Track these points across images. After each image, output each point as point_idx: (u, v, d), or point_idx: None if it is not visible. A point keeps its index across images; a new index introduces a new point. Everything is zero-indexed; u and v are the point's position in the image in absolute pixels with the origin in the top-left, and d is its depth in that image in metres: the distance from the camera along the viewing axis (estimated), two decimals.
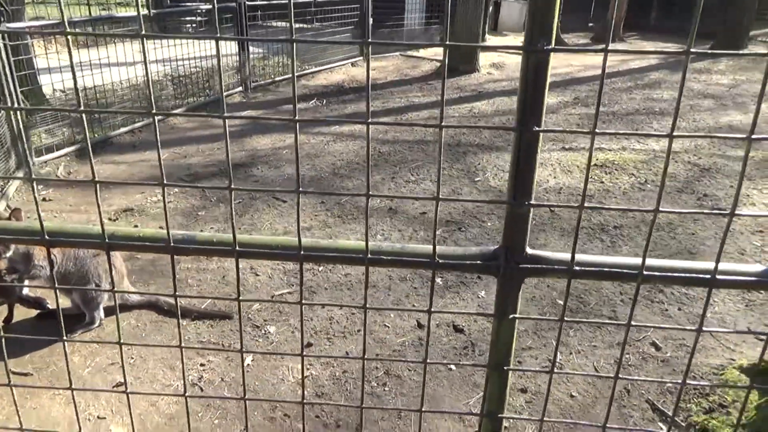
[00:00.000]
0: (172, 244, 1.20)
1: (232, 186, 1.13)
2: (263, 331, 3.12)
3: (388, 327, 3.15)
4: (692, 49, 0.84)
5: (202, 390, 2.72)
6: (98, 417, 2.55)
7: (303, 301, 1.21)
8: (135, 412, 2.60)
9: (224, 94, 1.00)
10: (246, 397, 1.26)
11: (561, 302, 3.27)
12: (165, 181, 1.10)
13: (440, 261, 1.16)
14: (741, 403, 2.44)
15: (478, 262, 1.16)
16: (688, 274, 1.05)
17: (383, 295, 3.42)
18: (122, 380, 2.78)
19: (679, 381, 1.15)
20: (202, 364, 2.88)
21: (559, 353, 2.91)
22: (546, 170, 5.39)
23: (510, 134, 6.41)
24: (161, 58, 7.52)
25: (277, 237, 1.18)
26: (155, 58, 7.74)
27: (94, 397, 2.66)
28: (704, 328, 1.08)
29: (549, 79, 0.97)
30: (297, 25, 12.93)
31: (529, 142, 1.02)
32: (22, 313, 3.23)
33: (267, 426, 2.51)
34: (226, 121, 0.98)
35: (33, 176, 1.16)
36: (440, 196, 1.06)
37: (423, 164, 5.54)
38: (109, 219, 4.34)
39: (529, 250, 1.12)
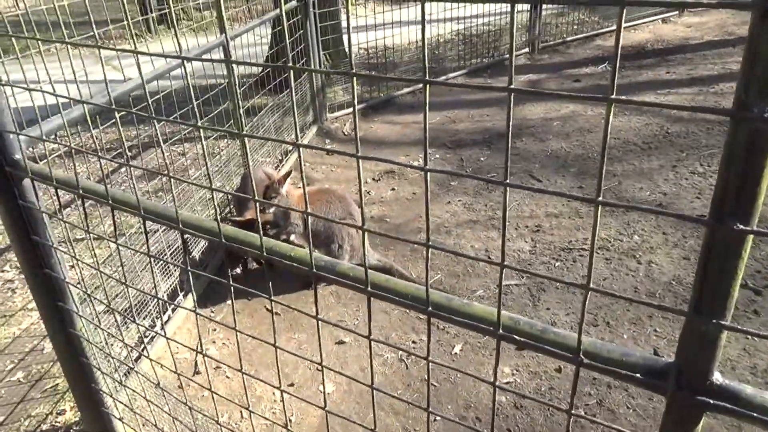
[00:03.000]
0: (314, 270, 1.21)
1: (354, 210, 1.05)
2: None
3: None
4: None
5: (407, 368, 2.82)
6: (317, 369, 2.86)
7: (427, 358, 1.09)
8: (346, 373, 2.83)
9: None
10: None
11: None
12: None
13: (585, 360, 0.92)
14: None
15: (638, 375, 0.88)
16: None
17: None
18: (344, 339, 3.04)
19: None
20: (414, 342, 2.97)
21: None
22: None
23: None
24: (457, 16, 7.69)
25: (410, 285, 1.09)
26: (450, 16, 7.95)
27: (318, 348, 2.98)
28: None
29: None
30: None
31: (728, 242, 0.70)
32: None
33: (454, 425, 2.48)
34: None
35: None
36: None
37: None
38: (373, 179, 4.71)
39: (716, 378, 0.81)
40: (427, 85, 0.80)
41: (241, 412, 2.64)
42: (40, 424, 2.54)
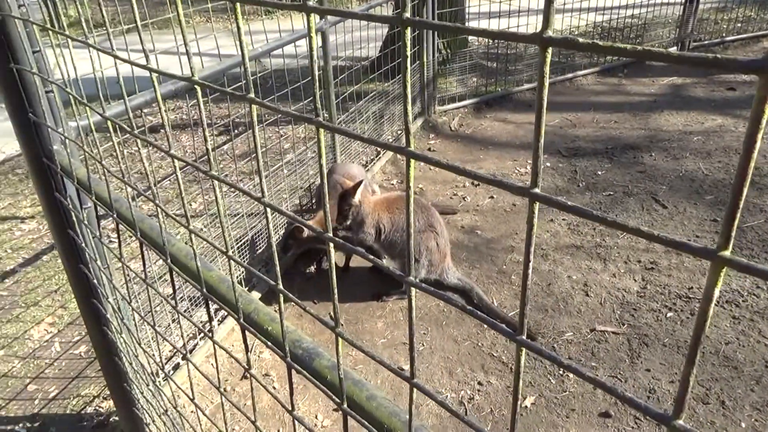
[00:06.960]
0: (288, 358, 0.95)
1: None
2: (557, 375, 2.61)
3: None
4: None
5: (466, 412, 2.48)
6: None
7: None
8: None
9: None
10: None
11: None
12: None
13: None
14: None
15: None
16: None
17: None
18: (404, 366, 2.76)
19: None
20: (480, 383, 2.61)
21: None
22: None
23: None
24: (596, 5, 6.94)
25: (385, 409, 0.79)
26: (589, 5, 7.19)
27: (375, 372, 2.72)
28: None
29: None
30: None
31: None
32: (359, 261, 3.54)
33: None
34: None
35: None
36: None
37: None
38: (472, 183, 4.33)
39: None
40: None
41: (278, 430, 2.47)
42: (86, 405, 2.54)
